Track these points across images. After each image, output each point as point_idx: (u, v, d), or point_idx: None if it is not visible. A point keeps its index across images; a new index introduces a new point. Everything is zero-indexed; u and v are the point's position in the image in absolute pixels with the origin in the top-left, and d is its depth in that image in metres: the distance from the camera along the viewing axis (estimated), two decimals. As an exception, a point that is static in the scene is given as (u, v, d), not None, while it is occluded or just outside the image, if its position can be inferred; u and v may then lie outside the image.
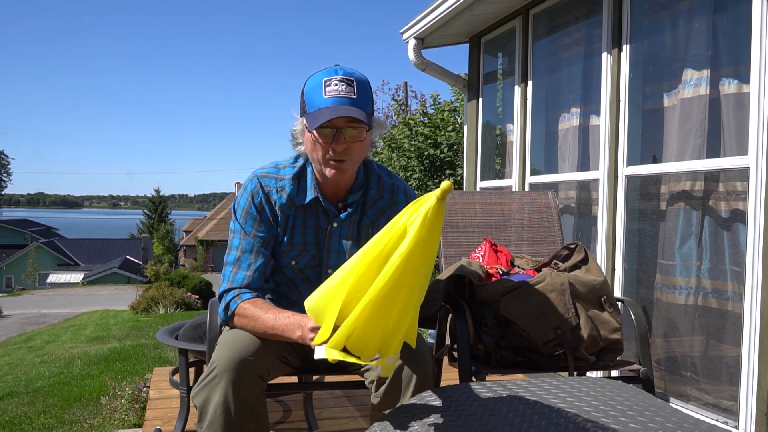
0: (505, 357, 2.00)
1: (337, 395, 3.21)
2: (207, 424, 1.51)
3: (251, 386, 1.54)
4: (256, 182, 1.69)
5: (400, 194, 1.78)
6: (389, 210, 1.75)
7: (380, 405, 1.61)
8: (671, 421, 1.06)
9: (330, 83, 1.56)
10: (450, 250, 2.58)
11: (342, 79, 1.56)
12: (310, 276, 1.74)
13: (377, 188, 1.76)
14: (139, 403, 3.34)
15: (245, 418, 1.53)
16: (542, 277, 2.02)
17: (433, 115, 8.65)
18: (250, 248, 1.67)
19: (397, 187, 1.78)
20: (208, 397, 1.51)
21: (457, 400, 1.25)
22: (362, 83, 1.59)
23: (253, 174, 1.71)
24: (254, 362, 1.53)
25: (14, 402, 4.45)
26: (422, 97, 14.97)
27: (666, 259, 3.03)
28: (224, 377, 1.50)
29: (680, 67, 2.94)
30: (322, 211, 1.71)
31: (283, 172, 1.71)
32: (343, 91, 1.55)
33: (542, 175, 4.02)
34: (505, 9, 4.10)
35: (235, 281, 1.67)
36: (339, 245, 1.73)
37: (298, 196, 1.70)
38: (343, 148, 1.56)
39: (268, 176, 1.70)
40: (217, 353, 1.56)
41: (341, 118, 1.53)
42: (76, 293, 27.18)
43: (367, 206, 1.74)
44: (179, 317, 10.35)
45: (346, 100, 1.55)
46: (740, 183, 2.62)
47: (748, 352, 2.47)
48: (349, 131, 1.56)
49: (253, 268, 1.67)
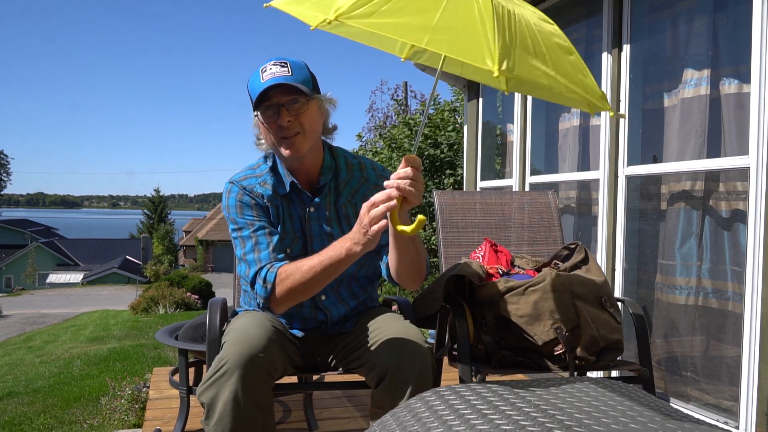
0: (505, 357, 1.99)
1: (337, 395, 3.21)
2: (216, 420, 1.50)
3: (261, 383, 1.53)
4: (237, 187, 1.73)
5: (368, 170, 1.81)
6: (362, 187, 1.79)
7: (380, 401, 1.61)
8: (671, 421, 1.06)
9: (265, 69, 1.62)
10: (450, 250, 2.58)
11: (275, 63, 1.63)
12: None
13: (346, 169, 1.79)
14: (138, 404, 3.33)
15: (254, 415, 1.53)
16: (542, 277, 2.02)
17: (433, 115, 8.65)
18: (262, 231, 1.70)
19: (364, 165, 1.82)
20: (217, 393, 1.50)
21: (457, 400, 1.25)
22: (297, 65, 1.65)
23: (229, 182, 1.75)
24: (264, 359, 1.53)
25: (14, 402, 4.45)
26: (422, 97, 14.95)
27: (666, 259, 3.03)
28: (234, 373, 1.49)
29: (680, 67, 2.94)
30: (298, 199, 1.76)
31: (259, 170, 1.77)
32: (277, 72, 1.61)
33: (542, 175, 4.02)
34: (505, 9, 4.10)
35: (262, 260, 1.67)
36: (320, 229, 1.76)
37: (279, 187, 1.75)
38: (287, 121, 1.60)
39: (246, 178, 1.75)
40: (226, 350, 1.54)
41: (278, 94, 1.58)
42: (75, 293, 27.19)
43: (341, 187, 1.78)
44: (179, 317, 10.36)
45: (280, 78, 1.60)
46: (740, 183, 2.62)
47: (749, 353, 2.47)
48: (288, 104, 1.60)
49: (272, 245, 1.69)
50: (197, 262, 40.17)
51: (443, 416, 1.15)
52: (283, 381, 1.78)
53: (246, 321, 1.66)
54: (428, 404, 1.25)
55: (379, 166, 1.85)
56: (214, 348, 1.80)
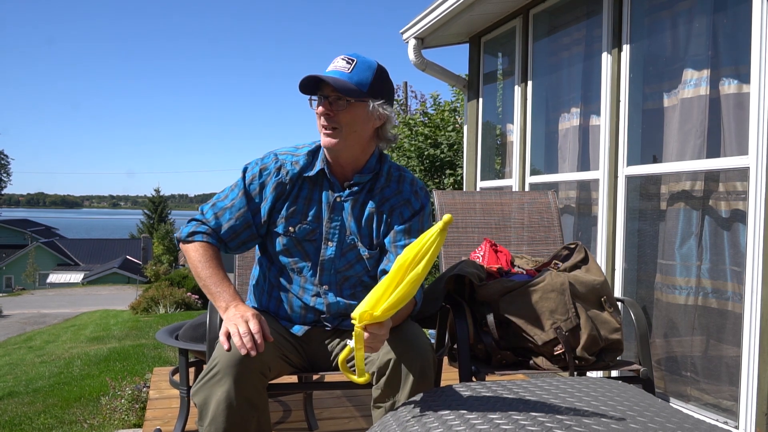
0: (505, 357, 2.00)
1: (337, 395, 3.21)
2: (209, 421, 1.51)
3: (253, 383, 1.54)
4: (272, 156, 1.80)
5: (406, 184, 1.83)
6: (394, 198, 1.80)
7: (381, 397, 1.61)
8: (671, 421, 1.06)
9: (335, 61, 1.70)
10: (450, 250, 2.58)
11: (344, 58, 1.69)
12: (308, 250, 1.77)
13: (386, 177, 1.82)
14: (139, 403, 3.34)
15: (248, 414, 1.53)
16: (542, 277, 2.02)
17: (433, 115, 8.64)
18: (239, 209, 1.75)
19: (404, 178, 1.84)
20: (210, 394, 1.51)
21: (457, 400, 1.25)
22: (365, 65, 1.69)
23: (270, 151, 1.83)
24: (255, 359, 1.53)
25: (14, 402, 4.45)
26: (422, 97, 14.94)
27: (666, 259, 3.03)
28: (226, 374, 1.50)
29: (680, 67, 2.94)
30: (327, 185, 1.78)
31: (299, 151, 1.82)
32: (339, 66, 1.68)
33: (542, 175, 4.02)
34: (505, 9, 4.10)
35: (207, 218, 1.76)
36: (342, 221, 1.77)
37: (308, 169, 1.78)
38: (327, 114, 1.66)
39: (285, 153, 1.82)
40: (218, 350, 1.56)
41: (328, 87, 1.65)
42: (76, 293, 27.18)
43: (375, 192, 1.80)
44: (179, 317, 10.36)
45: (336, 73, 1.67)
46: (740, 183, 2.62)
47: (748, 352, 2.47)
48: (333, 99, 1.66)
49: (229, 224, 1.75)
50: (197, 262, 40.07)
51: (443, 416, 1.15)
52: (282, 380, 1.79)
53: None
54: (428, 404, 1.25)
55: (418, 182, 1.86)
56: (214, 348, 1.81)
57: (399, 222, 1.77)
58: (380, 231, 1.78)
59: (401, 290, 1.32)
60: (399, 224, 1.77)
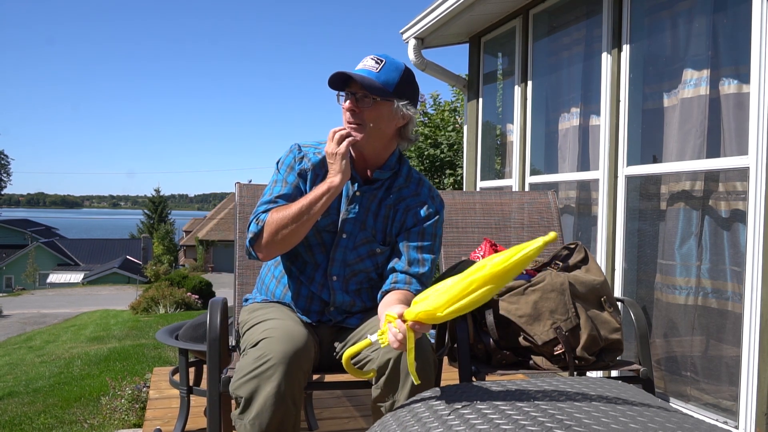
0: (505, 357, 2.00)
1: (337, 395, 3.21)
2: (254, 414, 1.50)
3: (299, 380, 1.56)
4: (296, 146, 1.85)
5: (424, 188, 1.86)
6: (411, 199, 1.83)
7: (381, 397, 1.61)
8: (671, 421, 1.06)
9: (364, 60, 1.74)
10: (450, 250, 2.58)
11: (373, 57, 1.73)
12: (325, 240, 1.80)
13: (406, 178, 1.85)
14: (139, 403, 3.34)
15: (290, 411, 1.54)
16: (542, 277, 2.02)
17: (433, 115, 8.64)
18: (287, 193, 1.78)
19: (423, 182, 1.88)
20: (258, 387, 1.50)
21: (457, 399, 1.25)
22: (392, 66, 1.72)
23: (294, 143, 1.87)
24: (308, 355, 1.57)
25: (14, 402, 4.45)
26: (422, 97, 14.96)
27: (666, 259, 3.03)
28: (278, 369, 1.51)
29: (680, 67, 2.94)
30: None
31: (322, 145, 1.85)
32: (368, 65, 1.72)
33: (542, 175, 4.02)
34: (505, 9, 4.10)
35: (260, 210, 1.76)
36: (358, 213, 1.80)
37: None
38: (352, 110, 1.70)
39: (308, 145, 1.85)
40: (268, 345, 1.55)
41: (356, 85, 1.69)
42: (76, 293, 27.18)
43: (393, 190, 1.83)
44: (179, 317, 10.37)
45: (365, 71, 1.70)
46: (740, 183, 2.62)
47: (748, 352, 2.47)
48: (360, 96, 1.70)
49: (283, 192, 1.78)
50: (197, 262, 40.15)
51: (443, 416, 1.15)
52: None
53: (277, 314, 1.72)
54: (428, 404, 1.25)
55: (435, 191, 1.89)
56: (214, 348, 1.80)
57: (413, 222, 1.80)
58: (393, 228, 1.81)
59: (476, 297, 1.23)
60: (413, 225, 1.80)
